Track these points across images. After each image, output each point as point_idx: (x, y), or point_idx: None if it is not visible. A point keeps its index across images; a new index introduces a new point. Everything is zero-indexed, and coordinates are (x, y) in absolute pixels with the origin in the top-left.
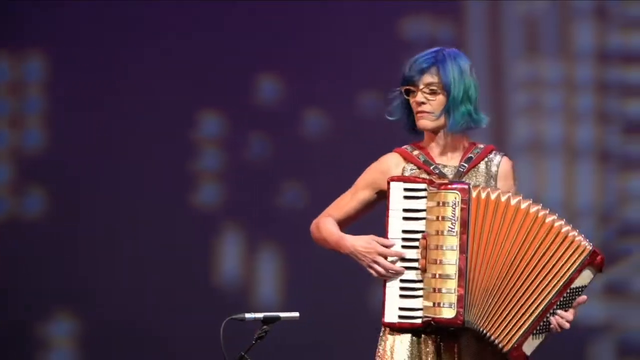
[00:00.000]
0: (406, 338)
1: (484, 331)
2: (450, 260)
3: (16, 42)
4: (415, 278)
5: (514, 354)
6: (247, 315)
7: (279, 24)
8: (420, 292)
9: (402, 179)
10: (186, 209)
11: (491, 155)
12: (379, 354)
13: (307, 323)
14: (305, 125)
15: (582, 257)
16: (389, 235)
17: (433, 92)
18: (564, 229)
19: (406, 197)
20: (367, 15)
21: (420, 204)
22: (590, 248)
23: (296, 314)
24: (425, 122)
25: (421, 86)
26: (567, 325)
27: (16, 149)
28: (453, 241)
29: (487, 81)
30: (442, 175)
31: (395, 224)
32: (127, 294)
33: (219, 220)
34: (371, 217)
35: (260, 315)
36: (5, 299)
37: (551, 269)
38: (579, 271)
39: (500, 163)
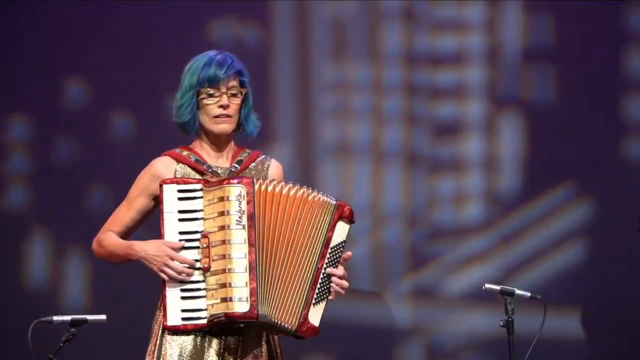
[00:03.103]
0: (189, 340)
1: (275, 320)
2: (240, 255)
3: None
4: (196, 279)
5: (302, 330)
6: (55, 317)
7: (85, 26)
8: (202, 292)
9: (174, 181)
10: None
11: (260, 159)
12: (161, 356)
13: (114, 325)
14: (112, 128)
15: (330, 214)
16: (166, 239)
17: (234, 96)
18: (311, 196)
19: (181, 199)
20: (173, 16)
21: (197, 204)
22: (335, 202)
23: (103, 317)
24: (226, 126)
25: (224, 89)
26: (344, 283)
27: None
28: (241, 235)
29: (295, 83)
30: (216, 175)
31: (172, 227)
32: None
33: (27, 223)
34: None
35: (68, 317)
36: None
37: (311, 237)
38: (332, 228)
39: (270, 166)
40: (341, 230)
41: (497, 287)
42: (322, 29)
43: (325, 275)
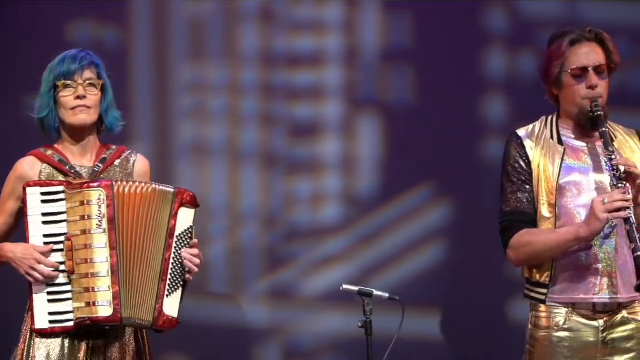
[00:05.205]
0: (57, 342)
1: (136, 320)
2: (101, 258)
3: None
4: (62, 281)
5: (159, 324)
6: None
7: None
8: (68, 295)
9: (38, 183)
10: None
11: (125, 155)
12: (30, 358)
13: None
14: None
15: (170, 203)
16: (31, 242)
17: (92, 86)
18: (154, 190)
19: (44, 202)
20: (31, 16)
21: (60, 206)
22: (173, 190)
23: None
24: (85, 117)
25: (80, 81)
26: (197, 261)
27: None
28: (102, 239)
29: (152, 84)
30: (78, 176)
31: (36, 230)
32: None
33: None
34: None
35: None
36: None
37: (156, 230)
38: (174, 216)
39: (136, 162)
40: (185, 217)
41: (355, 288)
42: (180, 30)
43: (175, 265)
